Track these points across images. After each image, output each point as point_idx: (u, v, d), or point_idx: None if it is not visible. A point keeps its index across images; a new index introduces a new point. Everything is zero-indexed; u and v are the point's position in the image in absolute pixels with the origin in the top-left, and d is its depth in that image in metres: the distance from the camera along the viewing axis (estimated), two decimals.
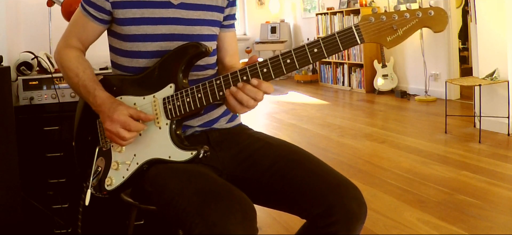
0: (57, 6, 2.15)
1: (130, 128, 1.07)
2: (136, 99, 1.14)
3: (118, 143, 1.10)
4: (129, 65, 1.19)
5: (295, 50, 0.97)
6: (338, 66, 6.96)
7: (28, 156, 1.80)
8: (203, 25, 1.22)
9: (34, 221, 1.82)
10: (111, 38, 1.23)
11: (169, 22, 1.16)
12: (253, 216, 0.93)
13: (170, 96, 1.09)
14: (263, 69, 0.99)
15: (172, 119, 1.09)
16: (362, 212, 1.02)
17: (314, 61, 0.97)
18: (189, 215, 0.91)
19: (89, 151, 1.20)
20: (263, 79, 1.00)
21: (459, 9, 6.63)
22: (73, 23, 1.23)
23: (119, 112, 1.07)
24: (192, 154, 1.05)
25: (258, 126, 4.55)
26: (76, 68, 1.18)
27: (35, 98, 1.82)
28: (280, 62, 0.98)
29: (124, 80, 1.19)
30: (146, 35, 1.15)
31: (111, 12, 1.15)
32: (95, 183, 1.16)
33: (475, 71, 4.06)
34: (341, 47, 0.94)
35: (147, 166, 1.10)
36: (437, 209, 2.28)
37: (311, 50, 0.96)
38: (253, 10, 8.75)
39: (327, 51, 0.95)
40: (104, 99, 1.12)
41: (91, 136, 1.21)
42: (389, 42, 0.94)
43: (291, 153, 1.13)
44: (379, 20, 0.93)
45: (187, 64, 1.11)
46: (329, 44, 0.95)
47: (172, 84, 1.09)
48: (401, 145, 3.51)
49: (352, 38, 0.94)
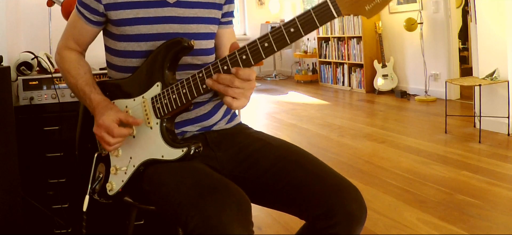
0: (57, 6, 2.15)
1: (113, 133, 1.07)
2: (127, 102, 1.14)
3: (105, 147, 1.10)
4: (123, 65, 1.18)
5: (272, 33, 0.94)
6: (338, 66, 6.96)
7: (28, 156, 1.80)
8: (200, 23, 1.20)
9: (34, 221, 1.82)
10: (106, 38, 1.23)
11: (164, 21, 1.15)
12: (247, 208, 0.93)
13: (157, 95, 1.08)
14: (242, 56, 0.97)
15: (162, 118, 1.09)
16: (362, 214, 1.01)
17: (292, 42, 0.94)
18: (185, 208, 0.91)
19: (89, 158, 1.20)
20: (243, 65, 0.97)
21: (459, 9, 6.63)
22: (70, 25, 1.23)
23: (105, 117, 1.07)
24: (183, 151, 1.05)
25: (258, 126, 4.55)
26: (74, 71, 1.19)
27: (35, 98, 1.82)
28: (258, 47, 0.95)
29: (115, 84, 1.19)
30: (141, 35, 1.14)
31: (105, 14, 1.15)
32: (98, 189, 1.16)
33: (475, 71, 4.06)
34: (318, 23, 0.90)
35: (143, 167, 1.10)
36: (437, 209, 2.28)
37: (288, 31, 0.92)
38: (253, 10, 8.75)
39: (304, 29, 0.91)
40: (98, 102, 1.12)
41: (90, 143, 1.22)
42: (368, 11, 0.88)
43: (292, 153, 1.13)
44: None
45: (172, 61, 1.10)
46: (305, 21, 0.91)
47: (159, 82, 1.09)
48: (401, 145, 3.51)
49: (328, 12, 0.89)
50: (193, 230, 0.87)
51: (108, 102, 1.13)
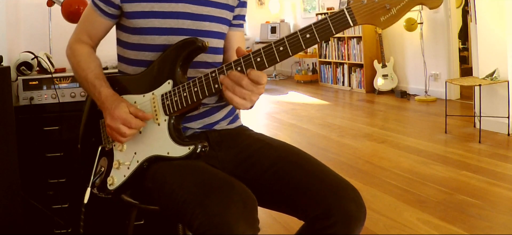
0: (57, 6, 2.15)
1: (131, 124, 1.07)
2: (136, 98, 1.14)
3: (118, 139, 1.10)
4: (135, 58, 1.19)
5: (288, 38, 0.95)
6: (338, 66, 6.96)
7: (28, 156, 1.80)
8: (212, 22, 1.22)
9: (34, 221, 1.82)
10: (119, 31, 1.24)
11: (178, 17, 1.17)
12: (253, 206, 0.93)
13: (168, 92, 1.09)
14: (257, 58, 0.98)
15: (170, 115, 1.09)
16: (361, 214, 1.01)
17: (307, 47, 0.95)
18: (190, 206, 0.91)
19: (93, 152, 1.20)
20: (256, 68, 0.98)
21: (459, 9, 6.63)
22: (84, 19, 1.25)
23: (120, 109, 1.08)
24: (189, 149, 1.05)
25: (258, 126, 4.55)
26: (85, 64, 1.20)
27: (35, 98, 1.82)
28: (273, 51, 0.96)
29: (125, 80, 1.20)
30: (154, 28, 1.16)
31: (120, 6, 1.17)
32: (99, 183, 1.16)
33: (475, 71, 4.06)
34: (334, 31, 0.92)
35: (147, 163, 1.10)
36: (437, 209, 2.28)
37: (304, 36, 0.94)
38: (253, 10, 8.75)
39: (319, 36, 0.93)
40: (108, 96, 1.13)
41: (95, 137, 1.22)
42: (383, 22, 0.90)
43: (291, 154, 1.13)
44: (371, 0, 0.90)
45: (185, 59, 1.11)
46: (321, 28, 0.93)
47: (170, 80, 1.10)
48: (401, 145, 3.51)
49: (344, 21, 0.91)
50: (198, 229, 0.87)
51: (118, 96, 1.14)
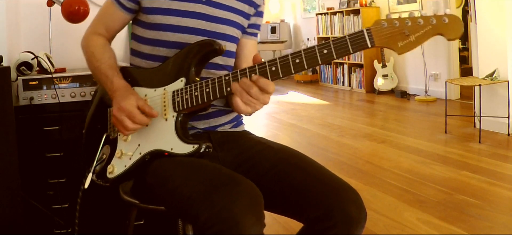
0: (57, 6, 2.15)
1: (135, 119, 1.08)
2: (147, 91, 1.16)
3: (121, 131, 1.11)
4: (150, 53, 1.21)
5: (305, 51, 0.97)
6: (338, 66, 6.96)
7: (28, 156, 1.80)
8: (228, 25, 1.24)
9: (34, 221, 1.82)
10: (135, 26, 1.27)
11: (195, 17, 1.19)
12: (260, 201, 0.93)
13: (179, 89, 1.10)
14: (272, 67, 0.99)
15: (179, 112, 1.10)
16: (361, 216, 1.01)
17: (323, 63, 0.98)
18: (195, 202, 0.91)
19: (97, 139, 1.22)
20: (270, 77, 1.00)
21: (459, 9, 6.63)
22: (102, 12, 1.27)
23: (128, 101, 1.09)
24: (193, 148, 1.06)
25: (258, 125, 4.56)
26: (99, 54, 1.22)
27: (35, 98, 1.82)
28: (289, 62, 0.98)
29: (138, 72, 1.21)
30: (171, 25, 1.18)
31: (139, 2, 1.19)
32: (99, 170, 1.17)
33: (475, 71, 4.06)
34: (351, 50, 0.94)
35: (149, 157, 1.11)
36: (437, 209, 2.28)
37: (321, 51, 0.96)
38: None
39: (337, 53, 0.95)
40: (120, 86, 1.15)
41: (101, 124, 1.24)
42: (400, 47, 0.92)
43: (292, 156, 1.13)
44: (392, 25, 0.92)
45: (200, 60, 1.13)
46: (339, 46, 0.95)
47: (183, 78, 1.11)
48: (401, 145, 3.52)
49: (363, 42, 0.93)
50: (205, 223, 0.87)
51: (129, 88, 1.15)
